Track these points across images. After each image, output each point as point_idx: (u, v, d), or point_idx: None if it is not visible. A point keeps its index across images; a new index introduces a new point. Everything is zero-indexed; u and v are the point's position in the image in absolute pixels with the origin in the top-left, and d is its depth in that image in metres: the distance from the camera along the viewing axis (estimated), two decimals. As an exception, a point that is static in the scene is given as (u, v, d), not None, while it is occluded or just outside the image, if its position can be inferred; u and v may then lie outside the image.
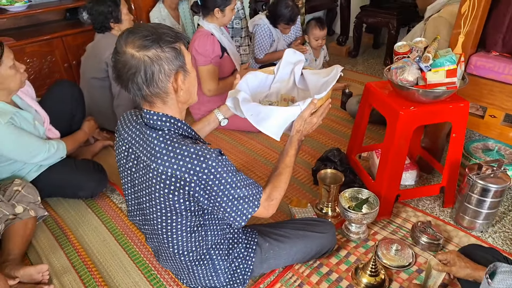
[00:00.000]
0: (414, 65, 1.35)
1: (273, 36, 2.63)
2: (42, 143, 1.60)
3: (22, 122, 1.58)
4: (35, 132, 1.63)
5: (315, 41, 2.68)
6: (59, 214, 1.73)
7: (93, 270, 1.42)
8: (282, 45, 2.72)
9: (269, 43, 2.64)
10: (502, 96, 1.51)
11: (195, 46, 2.12)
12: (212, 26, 2.14)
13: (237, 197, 0.99)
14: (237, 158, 2.09)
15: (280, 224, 1.36)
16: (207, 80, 2.19)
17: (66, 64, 2.71)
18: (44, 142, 1.62)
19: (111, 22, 2.09)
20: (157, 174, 0.95)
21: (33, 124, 1.62)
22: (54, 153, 1.64)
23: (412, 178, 1.79)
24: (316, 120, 1.22)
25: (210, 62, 2.14)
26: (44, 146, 1.60)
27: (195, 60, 2.15)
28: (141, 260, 1.45)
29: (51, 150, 1.62)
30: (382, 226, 1.55)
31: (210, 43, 2.10)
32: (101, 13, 2.06)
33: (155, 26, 0.95)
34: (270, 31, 2.60)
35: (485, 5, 1.43)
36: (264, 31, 2.59)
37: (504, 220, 1.56)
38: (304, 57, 2.69)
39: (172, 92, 0.98)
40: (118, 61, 0.93)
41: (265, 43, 2.63)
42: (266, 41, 2.62)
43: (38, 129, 1.65)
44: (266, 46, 2.65)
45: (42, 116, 1.70)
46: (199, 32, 2.16)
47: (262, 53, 2.66)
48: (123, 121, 1.11)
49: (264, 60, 2.70)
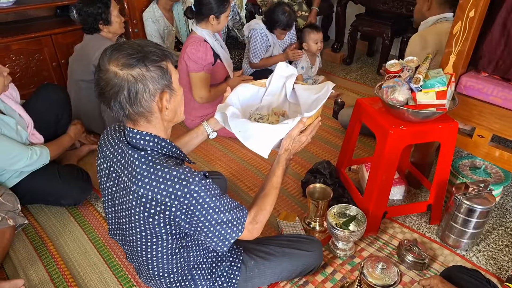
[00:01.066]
0: (405, 85, 1.35)
1: (269, 41, 2.61)
2: (24, 149, 1.56)
3: (4, 128, 1.54)
4: (17, 138, 1.58)
5: (314, 45, 2.66)
6: (39, 222, 1.68)
7: (72, 284, 1.39)
8: (277, 50, 2.71)
9: (265, 48, 2.62)
10: (491, 117, 1.51)
11: (187, 52, 2.09)
12: (205, 32, 2.11)
13: (220, 222, 0.97)
14: (227, 166, 2.07)
15: (266, 240, 1.35)
16: (199, 87, 2.16)
17: (55, 63, 2.65)
18: (27, 148, 1.57)
19: (100, 24, 2.05)
20: (137, 197, 0.92)
21: (15, 129, 1.58)
22: (37, 160, 1.60)
23: (400, 193, 1.79)
24: (305, 139, 1.21)
25: (203, 69, 2.11)
26: (26, 152, 1.56)
27: (187, 66, 2.12)
28: (123, 274, 1.42)
29: (33, 156, 1.58)
30: (369, 243, 1.55)
31: (203, 50, 2.07)
32: (90, 15, 2.01)
33: (142, 44, 0.92)
34: (266, 36, 2.58)
35: (476, 27, 1.44)
36: (260, 36, 2.57)
37: (489, 239, 1.57)
38: (301, 65, 2.72)
39: (156, 111, 0.95)
40: (101, 78, 0.90)
41: (261, 48, 2.61)
42: (262, 45, 2.60)
43: (21, 134, 1.60)
44: (262, 50, 2.63)
45: (26, 120, 1.66)
46: (192, 38, 2.13)
47: (257, 58, 2.64)
48: (106, 137, 1.08)
49: (259, 65, 2.68)
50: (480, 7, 1.39)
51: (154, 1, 2.81)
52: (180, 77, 2.19)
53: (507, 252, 1.51)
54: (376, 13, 3.15)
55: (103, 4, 2.01)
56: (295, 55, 2.64)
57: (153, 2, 2.81)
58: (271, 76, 1.44)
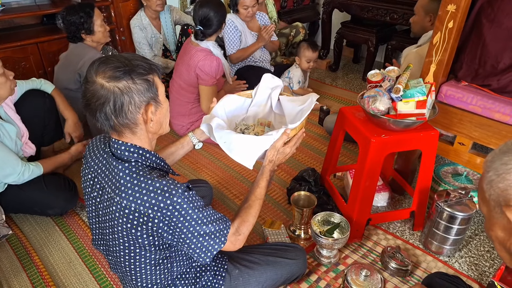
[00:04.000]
0: (385, 95, 1.37)
1: (238, 29, 2.60)
2: (18, 164, 1.55)
3: (4, 136, 1.53)
4: (14, 148, 1.58)
5: (306, 63, 2.67)
6: (24, 232, 1.67)
7: (57, 295, 1.38)
8: (249, 38, 2.67)
9: (237, 36, 2.60)
10: (471, 125, 1.55)
11: (200, 66, 2.07)
12: (210, 44, 2.12)
13: (202, 234, 0.97)
14: (214, 174, 2.08)
15: (251, 249, 1.35)
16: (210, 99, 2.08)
17: (41, 71, 2.63)
18: (21, 163, 1.56)
19: (82, 33, 2.04)
20: (120, 208, 0.92)
21: (14, 139, 1.57)
22: (27, 177, 1.59)
23: (384, 200, 1.82)
24: (289, 150, 1.22)
25: (214, 83, 2.13)
26: (18, 167, 1.55)
27: (199, 78, 2.11)
28: (108, 284, 1.41)
29: (25, 174, 1.57)
30: (353, 250, 1.57)
31: (216, 64, 2.07)
32: (72, 24, 2.00)
33: (129, 58, 0.93)
34: (235, 24, 2.57)
35: (455, 38, 1.48)
36: (230, 25, 2.56)
37: (470, 245, 1.61)
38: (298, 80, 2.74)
39: (141, 123, 0.96)
40: (87, 90, 0.91)
41: (233, 37, 2.59)
42: (233, 34, 2.59)
43: (17, 143, 1.60)
44: (236, 40, 2.60)
45: (22, 130, 1.65)
46: (199, 51, 2.09)
47: (233, 48, 2.61)
48: (91, 148, 1.08)
49: (237, 56, 2.64)
50: (458, 19, 1.43)
51: (142, 9, 2.81)
52: (182, 86, 2.22)
53: (488, 257, 1.55)
54: (361, 20, 3.21)
55: (86, 13, 2.00)
56: (267, 31, 2.56)
57: (140, 10, 2.82)
58: (257, 87, 1.46)
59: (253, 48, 2.64)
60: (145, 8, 2.78)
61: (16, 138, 1.61)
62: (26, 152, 1.70)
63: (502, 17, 1.46)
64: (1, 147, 1.48)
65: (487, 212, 0.68)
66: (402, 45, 2.81)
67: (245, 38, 2.65)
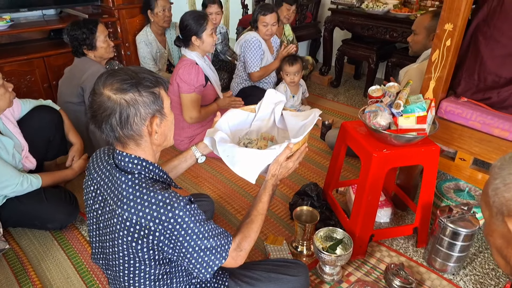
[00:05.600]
0: (386, 110, 1.39)
1: (262, 47, 2.65)
2: (16, 175, 1.55)
3: (0, 149, 1.53)
4: (11, 161, 1.58)
5: (287, 77, 2.69)
6: (21, 247, 1.65)
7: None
8: (269, 57, 2.74)
9: (260, 54, 2.65)
10: (471, 141, 1.56)
11: (179, 74, 2.13)
12: (194, 54, 2.17)
13: (203, 248, 0.96)
14: (215, 188, 2.07)
15: (252, 265, 1.33)
16: (189, 108, 2.19)
17: (46, 84, 2.67)
18: (19, 174, 1.56)
19: (84, 48, 2.07)
20: (122, 221, 0.92)
21: (12, 152, 1.57)
22: (26, 189, 1.59)
23: (387, 216, 1.81)
24: (292, 165, 1.23)
25: (194, 90, 2.15)
26: (17, 178, 1.55)
27: (179, 87, 2.16)
28: (107, 300, 1.40)
29: (23, 184, 1.57)
30: (356, 267, 1.55)
31: (195, 72, 2.12)
32: (75, 39, 2.04)
33: (136, 71, 0.94)
34: (259, 42, 2.63)
35: (453, 55, 1.50)
36: (254, 43, 2.61)
37: (475, 262, 1.59)
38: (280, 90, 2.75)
39: (146, 135, 0.97)
40: (94, 101, 0.92)
41: (257, 55, 2.63)
42: (257, 52, 2.63)
43: (15, 157, 1.60)
44: (259, 58, 2.65)
45: (22, 144, 1.66)
46: (183, 61, 2.18)
47: (257, 66, 2.65)
48: (94, 159, 1.08)
49: (259, 75, 2.69)
50: (455, 37, 1.46)
51: (148, 25, 2.88)
52: (171, 99, 2.23)
53: (494, 276, 1.52)
54: (362, 38, 3.26)
55: (88, 29, 2.03)
56: (288, 50, 2.64)
57: (146, 26, 2.88)
58: (260, 102, 1.48)
59: (274, 67, 2.70)
60: (151, 24, 2.84)
61: (15, 151, 1.61)
62: (26, 166, 1.71)
63: (498, 35, 1.49)
64: None
65: (489, 217, 0.68)
66: (402, 62, 2.86)
67: (266, 57, 2.71)
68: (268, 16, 2.54)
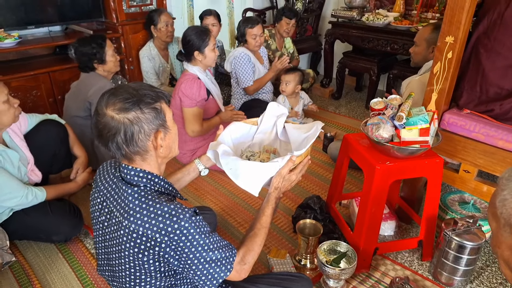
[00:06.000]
0: (388, 122, 1.39)
1: (251, 61, 2.67)
2: (21, 188, 1.56)
3: (6, 162, 1.55)
4: (17, 174, 1.60)
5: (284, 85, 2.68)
6: (27, 259, 1.65)
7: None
8: (261, 69, 2.75)
9: (251, 67, 2.67)
10: (475, 153, 1.56)
11: (181, 89, 2.16)
12: (196, 69, 2.20)
13: (208, 260, 0.96)
14: (218, 201, 2.07)
15: (256, 279, 1.32)
16: (192, 122, 2.21)
17: (51, 99, 2.71)
18: (23, 187, 1.57)
19: (95, 62, 2.12)
20: (128, 232, 0.93)
21: (17, 165, 1.59)
22: (31, 201, 1.60)
23: (391, 229, 1.79)
24: (295, 177, 1.23)
25: (196, 104, 2.18)
26: (21, 191, 1.56)
27: (181, 101, 2.18)
28: (110, 315, 1.38)
29: (28, 197, 1.58)
30: (360, 281, 1.53)
31: (197, 87, 2.15)
32: (85, 54, 2.09)
33: (137, 88, 0.96)
34: (248, 56, 2.65)
35: (455, 67, 1.52)
36: (243, 58, 2.64)
37: (482, 276, 1.56)
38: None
39: (151, 149, 0.99)
40: (99, 122, 0.94)
41: (248, 69, 2.66)
42: (248, 66, 2.65)
43: (21, 170, 1.62)
44: (250, 72, 2.67)
45: (28, 157, 1.68)
46: (185, 75, 2.21)
47: (250, 81, 2.67)
48: (101, 172, 1.10)
49: (254, 88, 2.71)
50: (456, 49, 1.48)
51: (151, 40, 2.93)
52: (173, 113, 2.26)
53: (500, 289, 1.50)
54: (363, 50, 3.29)
55: (98, 44, 2.09)
56: (282, 62, 2.66)
57: (149, 41, 2.93)
58: (262, 115, 1.49)
59: (268, 78, 2.73)
60: (154, 39, 2.89)
61: (21, 164, 1.63)
62: (31, 179, 1.72)
63: (499, 47, 1.51)
64: (2, 172, 1.50)
65: (496, 228, 0.67)
66: (404, 74, 2.87)
67: (257, 69, 2.73)
68: (255, 28, 2.58)
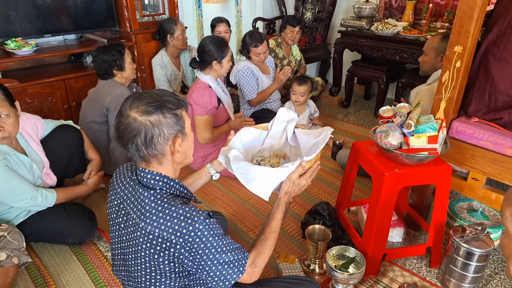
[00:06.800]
0: (397, 130, 1.42)
1: (255, 74, 2.72)
2: (30, 189, 1.61)
3: (17, 165, 1.61)
4: (29, 176, 1.65)
5: (293, 95, 2.75)
6: (42, 261, 1.70)
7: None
8: (265, 81, 2.79)
9: (255, 80, 2.71)
10: (483, 161, 1.57)
11: (193, 97, 2.21)
12: (208, 77, 2.25)
13: (221, 262, 1.00)
14: (227, 206, 2.10)
15: (266, 282, 1.35)
16: (202, 129, 2.26)
17: (66, 105, 2.78)
18: (33, 189, 1.62)
19: (114, 69, 2.19)
20: (145, 233, 0.96)
21: (28, 168, 1.64)
22: (41, 202, 1.64)
23: (399, 235, 1.80)
24: (305, 182, 1.25)
25: (207, 113, 2.23)
26: (31, 192, 1.61)
27: (192, 109, 2.23)
28: (123, 316, 1.41)
29: (37, 198, 1.63)
30: (368, 286, 1.55)
31: (208, 95, 2.20)
32: (105, 61, 2.16)
33: (160, 94, 1.01)
34: (251, 70, 2.69)
35: (463, 76, 1.54)
36: (246, 72, 2.68)
37: (491, 284, 1.56)
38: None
39: (168, 154, 1.03)
40: (121, 123, 0.99)
41: (252, 82, 2.70)
42: (252, 79, 2.69)
43: (34, 173, 1.67)
44: (254, 84, 2.71)
45: (43, 161, 1.74)
46: (197, 84, 2.27)
47: (254, 93, 2.72)
48: (118, 175, 1.14)
49: (258, 100, 2.75)
50: (465, 59, 1.50)
51: (163, 48, 3.00)
52: None
53: (510, 297, 1.50)
54: (371, 59, 3.33)
55: (118, 51, 2.18)
56: (284, 73, 2.70)
57: (162, 49, 3.00)
58: (272, 120, 1.53)
59: (271, 90, 2.77)
60: (167, 47, 2.96)
61: (35, 168, 1.68)
62: (46, 182, 1.78)
63: (508, 56, 1.53)
64: (10, 173, 1.55)
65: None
66: (413, 82, 2.89)
67: (261, 81, 2.78)
68: (259, 47, 2.61)
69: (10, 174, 1.55)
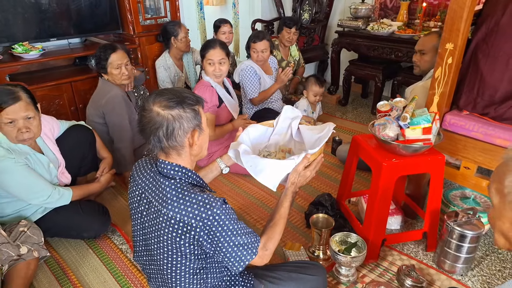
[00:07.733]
0: (394, 122, 1.53)
1: (257, 73, 2.81)
2: (47, 187, 1.69)
3: (36, 164, 1.69)
4: (46, 175, 1.73)
5: (313, 97, 2.89)
6: (60, 254, 1.79)
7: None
8: (267, 80, 2.88)
9: (257, 80, 2.81)
10: (475, 151, 1.68)
11: None
12: (208, 77, 2.35)
13: (237, 244, 1.09)
14: (235, 201, 2.20)
15: (274, 266, 1.45)
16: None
17: (73, 107, 2.86)
18: (51, 187, 1.71)
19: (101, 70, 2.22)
20: (167, 219, 1.06)
21: (46, 167, 1.73)
22: (57, 200, 1.72)
23: (397, 223, 1.91)
24: (310, 174, 1.35)
25: (208, 110, 2.33)
26: (48, 190, 1.68)
27: None
28: (141, 301, 1.51)
29: (54, 196, 1.70)
30: (370, 269, 1.65)
31: (209, 93, 2.31)
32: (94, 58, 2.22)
33: (180, 91, 1.12)
34: (254, 69, 2.79)
35: (455, 72, 1.65)
36: (249, 71, 2.78)
37: (482, 264, 1.67)
38: (304, 108, 2.93)
39: (187, 146, 1.12)
40: (144, 116, 1.08)
41: (254, 81, 2.80)
42: (254, 78, 2.79)
43: (51, 172, 1.76)
44: (256, 84, 2.80)
45: (60, 160, 1.82)
46: (200, 83, 2.38)
47: (255, 92, 2.81)
48: (138, 168, 1.23)
49: (259, 99, 2.84)
50: (456, 55, 1.61)
51: (166, 50, 3.09)
52: None
53: (500, 276, 1.61)
54: (368, 58, 3.44)
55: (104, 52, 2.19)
56: (286, 74, 2.81)
57: (165, 51, 3.09)
58: (278, 117, 1.63)
59: (273, 90, 2.87)
60: (171, 50, 3.05)
61: (52, 167, 1.77)
62: (61, 181, 1.87)
63: (496, 52, 1.64)
64: (30, 171, 1.64)
65: (499, 203, 0.77)
66: (408, 80, 3.00)
67: (263, 81, 2.88)
68: (258, 43, 2.71)
69: (30, 173, 1.64)
